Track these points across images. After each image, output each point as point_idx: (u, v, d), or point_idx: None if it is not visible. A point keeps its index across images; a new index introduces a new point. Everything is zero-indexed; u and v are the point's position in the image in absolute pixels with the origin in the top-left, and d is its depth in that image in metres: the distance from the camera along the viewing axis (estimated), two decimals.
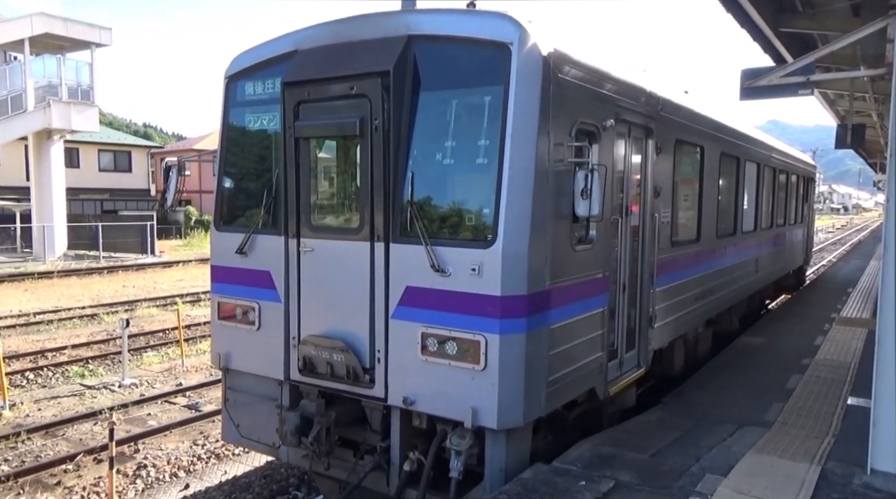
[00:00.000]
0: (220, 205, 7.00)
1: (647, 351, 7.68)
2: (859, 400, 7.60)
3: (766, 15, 9.01)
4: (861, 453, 5.88)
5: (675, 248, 8.37)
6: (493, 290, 5.20)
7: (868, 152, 27.56)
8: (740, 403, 8.00)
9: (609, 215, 6.47)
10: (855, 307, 14.96)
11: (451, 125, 5.62)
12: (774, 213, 14.14)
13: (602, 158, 6.13)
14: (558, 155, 5.49)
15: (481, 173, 5.42)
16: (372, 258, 5.77)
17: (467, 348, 5.31)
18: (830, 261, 30.59)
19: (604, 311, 6.49)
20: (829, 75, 10.45)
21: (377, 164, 5.63)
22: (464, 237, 5.47)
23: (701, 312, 9.68)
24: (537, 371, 5.45)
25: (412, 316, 5.56)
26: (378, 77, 5.55)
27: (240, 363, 6.82)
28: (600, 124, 6.10)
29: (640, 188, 7.47)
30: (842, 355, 10.25)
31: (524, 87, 5.20)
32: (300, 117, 6.05)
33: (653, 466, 5.98)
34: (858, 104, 13.79)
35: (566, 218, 5.65)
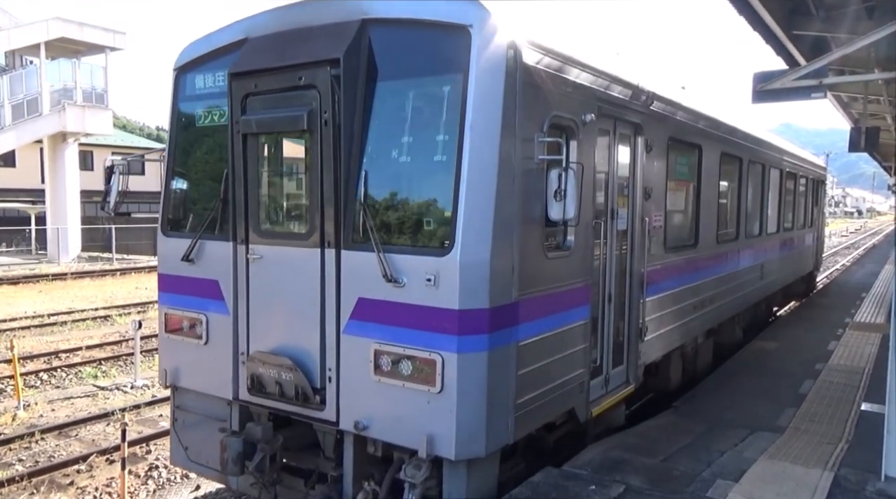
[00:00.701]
0: (168, 208, 6.45)
1: (637, 366, 7.15)
2: (873, 406, 7.52)
3: (778, 17, 8.97)
4: (875, 460, 5.83)
5: (669, 254, 7.87)
6: (449, 303, 4.66)
7: (882, 155, 27.31)
8: (752, 407, 7.94)
9: (590, 219, 6.00)
10: (869, 312, 14.81)
11: (409, 119, 5.15)
12: (781, 216, 13.60)
13: (582, 156, 5.67)
14: (528, 152, 4.98)
15: (440, 172, 4.89)
16: (322, 267, 5.25)
17: (423, 368, 4.77)
18: (844, 265, 30.32)
19: (585, 324, 5.99)
20: (842, 78, 10.39)
21: (327, 162, 5.11)
22: (419, 244, 4.94)
23: (700, 322, 9.14)
24: (503, 393, 4.92)
25: (364, 331, 5.04)
26: (327, 66, 5.02)
27: (188, 381, 6.29)
28: (579, 119, 5.61)
29: (627, 190, 6.98)
30: (855, 361, 10.16)
31: (485, 75, 4.69)
32: (247, 111, 5.53)
33: (664, 471, 5.95)
34: (873, 107, 13.70)
35: (537, 222, 5.15)
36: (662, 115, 7.44)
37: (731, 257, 10.35)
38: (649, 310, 7.28)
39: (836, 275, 25.73)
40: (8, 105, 31.09)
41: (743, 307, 11.48)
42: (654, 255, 7.38)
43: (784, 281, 14.64)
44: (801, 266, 16.52)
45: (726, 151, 9.76)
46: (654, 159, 7.31)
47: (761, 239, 12.11)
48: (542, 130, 5.12)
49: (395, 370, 4.88)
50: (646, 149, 7.03)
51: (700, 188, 8.83)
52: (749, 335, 12.18)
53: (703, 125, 8.82)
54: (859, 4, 8.63)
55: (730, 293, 10.32)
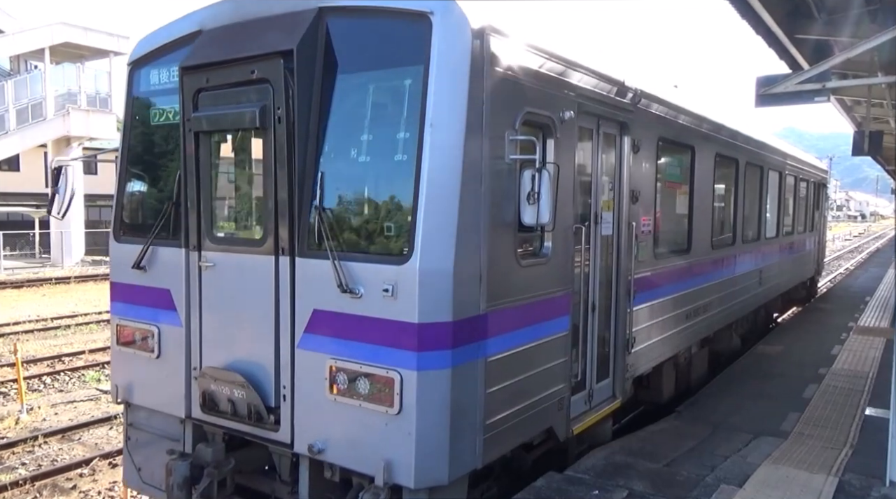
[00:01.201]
0: (120, 211, 6.09)
1: (624, 379, 6.80)
2: (877, 411, 7.51)
3: (781, 21, 8.97)
4: (879, 465, 5.80)
5: (659, 260, 7.51)
6: (408, 315, 4.30)
7: (886, 159, 27.23)
8: (756, 412, 7.92)
9: (570, 224, 5.66)
10: (873, 316, 14.77)
11: (369, 115, 4.80)
12: (781, 221, 13.24)
13: (560, 156, 5.33)
14: (498, 150, 4.65)
15: (401, 173, 4.55)
16: (276, 275, 4.90)
17: (380, 387, 4.42)
18: (847, 269, 30.24)
19: (565, 336, 5.65)
20: (845, 82, 10.36)
21: (281, 162, 4.76)
22: (377, 251, 4.57)
23: (694, 331, 8.78)
24: (469, 414, 4.57)
25: (320, 346, 4.68)
26: (280, 58, 4.68)
27: (140, 397, 5.92)
28: (557, 116, 5.26)
29: (613, 193, 6.63)
30: (859, 365, 10.12)
31: (448, 66, 4.33)
32: (199, 108, 5.18)
33: (667, 475, 5.93)
34: (876, 111, 13.69)
35: (510, 227, 4.82)
36: (651, 114, 7.11)
37: (727, 263, 10.01)
38: (637, 320, 6.95)
39: (839, 279, 25.67)
40: (12, 109, 31.23)
41: (740, 314, 11.16)
42: (643, 261, 7.05)
43: (784, 287, 14.32)
44: (801, 271, 16.18)
45: (722, 153, 9.44)
46: (643, 161, 6.97)
47: (760, 244, 11.80)
48: (514, 127, 4.79)
49: (352, 389, 4.53)
50: (633, 149, 6.69)
51: (693, 191, 8.51)
52: (747, 343, 11.89)
53: (696, 125, 8.47)
54: (862, 8, 8.62)
55: (726, 300, 10.02)
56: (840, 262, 34.54)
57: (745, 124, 10.68)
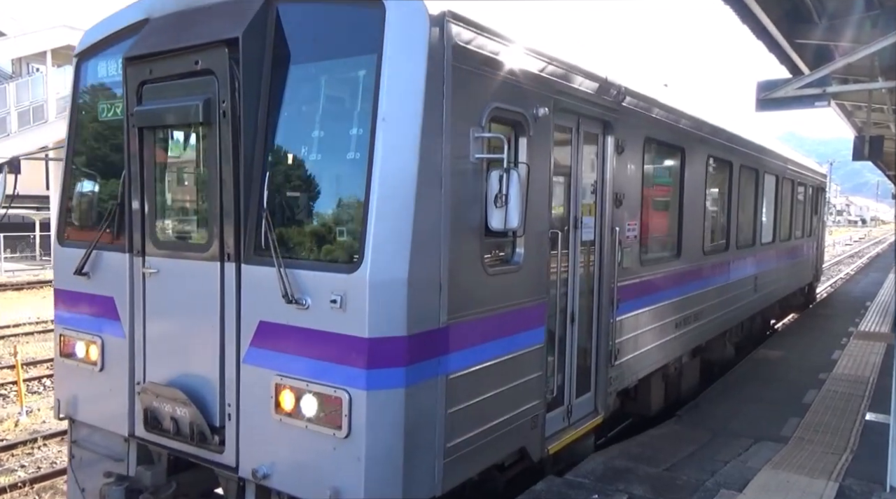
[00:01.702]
0: (64, 213, 5.73)
1: (607, 393, 6.46)
2: (878, 416, 7.49)
3: (781, 26, 8.99)
4: (880, 471, 5.79)
5: (646, 267, 7.16)
6: (357, 329, 3.96)
7: (886, 164, 27.25)
8: (756, 417, 7.91)
9: (546, 228, 5.33)
10: (873, 321, 14.76)
11: (321, 109, 4.51)
12: (777, 225, 12.86)
13: (534, 156, 5.02)
14: (461, 149, 4.31)
15: (352, 172, 4.23)
16: (222, 283, 4.55)
17: (328, 408, 4.06)
18: (848, 273, 30.23)
19: (540, 348, 5.33)
20: (846, 87, 10.39)
21: (226, 160, 4.42)
22: (326, 258, 4.25)
23: (685, 340, 8.46)
24: (427, 437, 4.23)
25: (266, 361, 4.34)
26: (225, 47, 4.36)
27: (84, 413, 5.54)
28: (529, 113, 4.95)
29: (595, 196, 6.30)
30: (859, 370, 10.11)
31: (402, 56, 4.02)
32: (143, 101, 4.85)
33: (667, 480, 5.92)
34: (876, 116, 13.70)
35: (475, 232, 4.48)
36: (637, 113, 6.76)
37: (720, 269, 9.65)
38: (622, 330, 6.62)
39: (840, 284, 25.65)
40: (14, 112, 31.32)
41: (734, 322, 10.84)
42: (628, 268, 6.70)
43: (781, 293, 13.99)
44: (799, 277, 15.82)
45: (714, 155, 9.10)
46: (628, 162, 6.63)
47: (755, 249, 11.44)
48: (481, 123, 4.45)
49: (298, 409, 4.17)
50: (617, 150, 6.35)
51: (683, 195, 8.15)
52: (743, 351, 11.60)
53: (687, 125, 8.09)
54: (863, 13, 8.65)
55: (719, 308, 9.68)
56: (840, 266, 34.53)
57: (739, 126, 10.44)
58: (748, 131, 10.86)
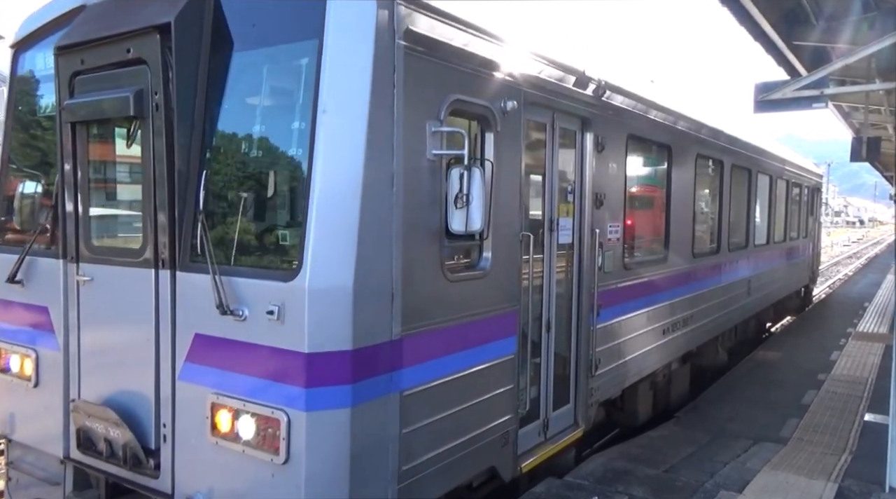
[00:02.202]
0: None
1: (587, 405, 6.12)
2: (876, 416, 7.53)
3: (779, 28, 9.02)
4: (879, 471, 5.80)
5: (630, 271, 6.84)
6: (296, 343, 3.61)
7: (884, 165, 27.32)
8: (755, 418, 7.92)
9: (517, 231, 5.00)
10: (871, 322, 14.78)
11: (262, 102, 4.21)
12: (772, 227, 12.53)
13: (502, 153, 4.70)
14: (416, 144, 3.98)
15: (294, 170, 3.96)
16: (156, 292, 4.20)
17: (265, 430, 3.71)
18: (847, 274, 30.27)
19: (511, 360, 4.99)
20: (843, 89, 10.43)
21: (160, 157, 4.08)
22: (264, 264, 3.96)
23: (673, 346, 8.11)
24: (378, 461, 3.89)
25: (202, 378, 3.98)
26: (157, 33, 4.00)
27: (20, 432, 5.15)
28: (496, 106, 4.62)
29: (572, 196, 5.98)
30: (858, 371, 10.13)
31: (346, 41, 3.68)
32: (75, 94, 4.50)
33: (666, 481, 5.93)
34: (874, 117, 13.74)
35: (433, 235, 4.14)
36: (619, 109, 6.43)
37: (710, 273, 9.28)
38: (603, 338, 6.27)
39: (838, 285, 25.69)
40: None
41: (727, 327, 10.49)
42: (610, 273, 6.36)
43: (776, 296, 13.63)
44: (794, 280, 15.45)
45: (704, 154, 8.77)
46: (609, 161, 6.28)
47: (748, 252, 11.09)
48: (439, 117, 4.11)
49: (235, 431, 3.82)
50: (597, 148, 6.01)
51: (671, 195, 7.79)
52: (737, 356, 11.32)
53: (674, 123, 7.73)
54: (860, 14, 8.68)
55: (710, 312, 9.31)
56: (839, 267, 34.57)
57: (731, 124, 10.13)
58: (740, 130, 10.55)
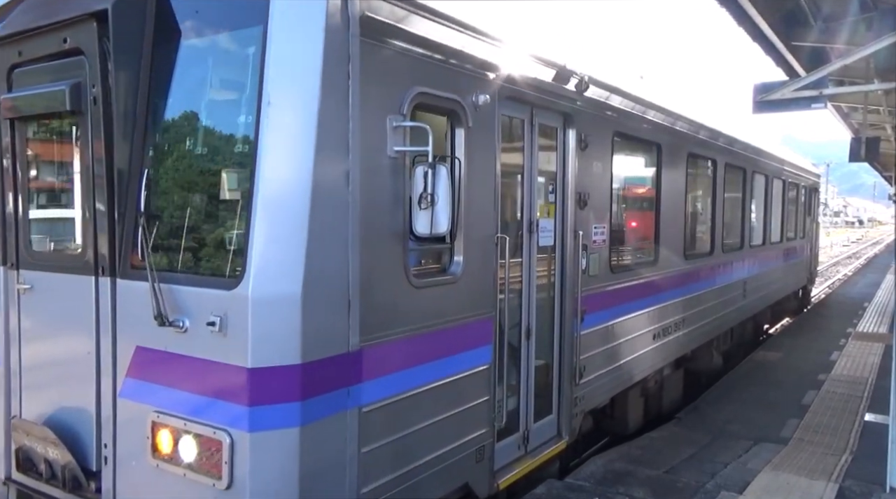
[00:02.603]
0: None
1: (571, 415, 5.87)
2: (877, 416, 7.53)
3: (778, 29, 9.03)
4: (880, 471, 5.80)
5: (617, 274, 6.59)
6: (238, 358, 3.31)
7: (883, 165, 27.36)
8: (756, 418, 7.91)
9: (492, 233, 4.73)
10: (871, 322, 14.79)
11: (207, 94, 3.94)
12: (768, 227, 12.26)
13: (474, 150, 4.43)
14: (374, 140, 3.71)
15: (241, 168, 3.65)
16: (97, 301, 3.92)
17: (207, 452, 3.41)
18: (846, 274, 30.28)
19: (486, 370, 4.71)
20: (842, 89, 10.45)
21: (98, 156, 3.82)
22: (206, 271, 3.66)
23: (665, 351, 7.86)
24: (332, 483, 3.59)
25: (143, 395, 3.70)
26: (93, 21, 3.73)
27: None
28: (467, 100, 4.36)
29: (554, 196, 5.73)
30: (858, 371, 10.13)
31: (293, 27, 3.39)
32: (13, 88, 4.27)
33: (667, 482, 5.93)
34: (872, 117, 13.76)
35: (396, 238, 3.89)
36: (603, 105, 6.18)
37: (704, 275, 9.01)
38: (588, 345, 6.03)
39: (837, 285, 25.70)
40: None
41: (722, 330, 10.21)
42: (595, 276, 6.11)
43: (773, 298, 13.36)
44: (792, 281, 15.16)
45: (696, 152, 8.50)
46: (593, 159, 6.04)
47: (743, 253, 10.84)
48: (401, 111, 3.84)
49: (177, 453, 3.53)
50: (579, 145, 5.77)
51: (660, 195, 7.53)
52: (732, 360, 11.06)
53: (664, 120, 7.45)
54: (858, 15, 8.69)
55: (704, 315, 9.06)
56: (838, 267, 34.57)
57: (725, 122, 9.86)
58: (735, 128, 10.29)
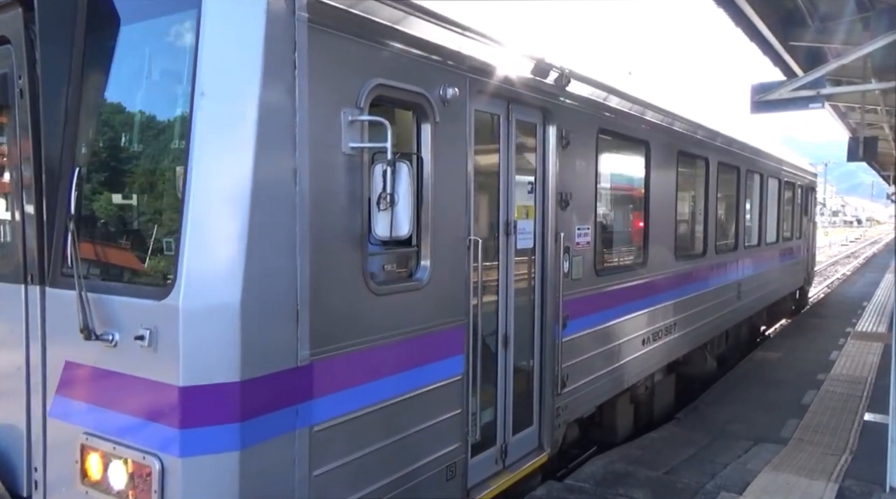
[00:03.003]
0: None
1: (553, 426, 5.58)
2: (876, 416, 7.53)
3: (775, 29, 9.04)
4: (879, 471, 5.80)
5: (603, 277, 6.31)
6: (169, 375, 3.02)
7: (881, 165, 27.41)
8: (756, 418, 7.91)
9: (463, 235, 4.45)
10: (870, 321, 14.79)
11: (143, 85, 3.64)
12: (763, 228, 11.98)
13: (442, 147, 4.17)
14: (327, 136, 3.42)
15: (175, 165, 3.36)
16: (26, 312, 3.64)
17: (137, 479, 3.13)
18: (845, 274, 30.31)
19: (458, 381, 4.44)
20: (839, 89, 10.45)
21: (26, 153, 3.57)
22: (136, 278, 3.43)
23: (656, 356, 7.57)
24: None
25: (73, 414, 3.43)
26: (18, 6, 3.47)
27: None
28: (434, 94, 4.09)
29: (533, 196, 5.46)
30: (857, 370, 10.13)
31: (230, 11, 3.12)
32: None
33: (667, 483, 5.92)
34: (870, 117, 13.78)
35: (352, 242, 3.59)
36: (587, 101, 5.94)
37: (696, 277, 8.74)
38: (571, 352, 5.75)
39: (836, 284, 25.73)
40: None
41: (716, 333, 9.95)
42: (579, 280, 5.86)
43: (768, 299, 13.09)
44: (788, 282, 14.88)
45: (686, 151, 8.23)
46: (576, 157, 5.78)
47: (738, 254, 10.56)
48: (358, 104, 3.56)
49: (106, 479, 3.24)
50: (561, 143, 5.50)
51: (649, 195, 7.27)
52: (728, 363, 10.86)
53: (652, 117, 7.20)
54: (854, 15, 8.70)
55: (697, 319, 8.79)
56: (837, 267, 34.62)
57: (717, 120, 9.56)
58: (728, 126, 9.99)
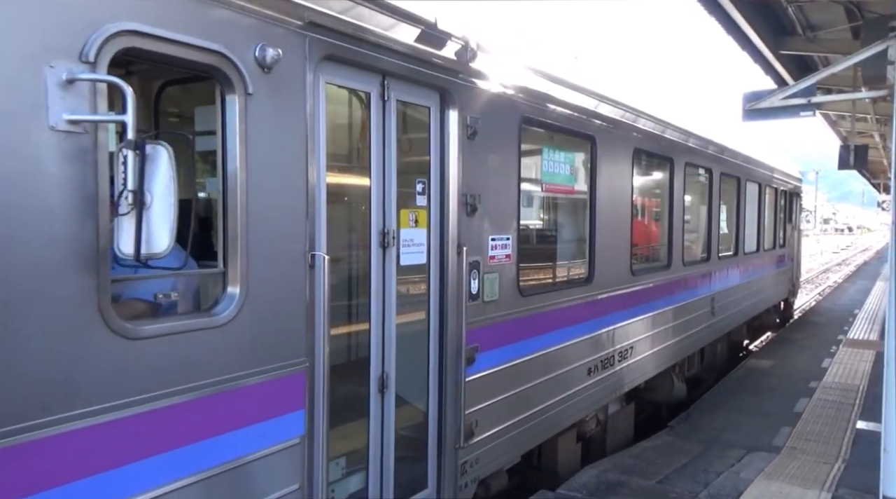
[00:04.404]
0: None
1: (457, 486, 4.50)
2: (869, 424, 7.51)
3: (766, 38, 9.08)
4: (872, 479, 5.76)
5: (528, 299, 5.21)
6: None
7: (871, 173, 27.59)
8: (748, 427, 7.89)
9: (303, 249, 3.37)
10: (862, 329, 14.83)
11: None
12: (740, 236, 11.01)
13: (263, 129, 3.12)
14: (22, 104, 2.32)
15: None
16: None
17: None
18: (836, 281, 30.43)
19: (297, 445, 3.40)
20: (830, 97, 10.50)
21: None
22: None
23: (606, 386, 6.55)
24: None
25: None
26: None
27: None
28: (242, 55, 3.01)
29: (424, 197, 4.36)
30: (850, 378, 10.13)
31: None
32: None
33: (660, 492, 5.89)
34: (861, 125, 13.87)
35: (72, 260, 2.45)
36: (503, 83, 4.84)
37: (658, 292, 7.70)
38: (481, 392, 4.70)
39: (828, 292, 25.81)
40: None
41: (685, 354, 8.96)
42: (493, 302, 4.80)
43: (748, 313, 12.16)
44: (770, 294, 13.91)
45: (644, 149, 7.16)
46: (489, 152, 4.72)
47: (710, 265, 9.55)
48: (84, 58, 2.45)
49: None
50: (465, 132, 4.44)
51: (595, 200, 6.18)
52: (704, 383, 10.16)
53: (598, 107, 6.14)
54: (845, 24, 8.76)
55: (660, 340, 7.80)
56: (828, 274, 34.77)
57: (684, 115, 8.49)
58: (697, 123, 8.83)
